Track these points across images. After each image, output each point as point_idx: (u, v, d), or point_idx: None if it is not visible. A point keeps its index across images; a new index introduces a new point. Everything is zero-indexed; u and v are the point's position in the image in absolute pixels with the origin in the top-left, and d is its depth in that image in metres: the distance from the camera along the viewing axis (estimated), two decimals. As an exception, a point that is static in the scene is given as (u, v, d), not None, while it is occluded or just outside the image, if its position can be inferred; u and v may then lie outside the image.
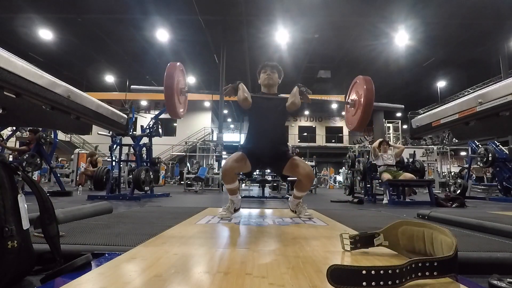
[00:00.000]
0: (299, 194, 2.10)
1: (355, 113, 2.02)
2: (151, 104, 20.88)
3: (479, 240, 1.38)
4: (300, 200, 2.14)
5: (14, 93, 0.86)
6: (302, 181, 1.98)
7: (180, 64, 1.97)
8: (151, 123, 5.32)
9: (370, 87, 1.88)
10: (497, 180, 5.91)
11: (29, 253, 0.85)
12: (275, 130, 2.06)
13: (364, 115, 1.89)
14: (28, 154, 4.85)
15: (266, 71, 2.11)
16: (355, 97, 2.05)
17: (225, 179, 1.98)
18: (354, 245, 1.04)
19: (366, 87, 1.88)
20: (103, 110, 1.35)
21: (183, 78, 2.06)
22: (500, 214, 2.66)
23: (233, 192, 2.05)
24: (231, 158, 1.95)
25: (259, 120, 2.05)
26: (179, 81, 1.97)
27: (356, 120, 1.99)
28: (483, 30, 11.63)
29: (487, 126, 1.21)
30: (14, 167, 0.86)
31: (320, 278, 0.76)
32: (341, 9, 10.62)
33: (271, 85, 2.12)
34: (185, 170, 8.31)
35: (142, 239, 1.22)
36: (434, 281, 0.72)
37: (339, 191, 9.96)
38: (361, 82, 1.97)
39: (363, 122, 1.93)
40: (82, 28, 12.25)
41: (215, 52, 13.84)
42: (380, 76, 16.11)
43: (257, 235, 1.43)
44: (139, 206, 3.38)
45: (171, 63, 1.89)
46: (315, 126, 25.19)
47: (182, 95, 2.04)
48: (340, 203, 4.61)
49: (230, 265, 0.89)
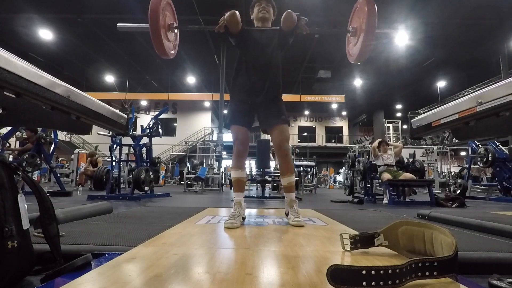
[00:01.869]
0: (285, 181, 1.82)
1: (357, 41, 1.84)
2: (151, 104, 20.89)
3: (479, 240, 1.38)
4: (292, 196, 1.82)
5: (14, 93, 0.86)
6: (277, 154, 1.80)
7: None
8: (151, 123, 5.33)
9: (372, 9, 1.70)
10: (497, 180, 5.91)
11: (29, 253, 0.85)
12: (270, 65, 1.84)
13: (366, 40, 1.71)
14: (28, 154, 4.85)
15: (261, 3, 1.92)
16: (356, 24, 1.87)
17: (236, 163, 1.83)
18: (354, 245, 1.04)
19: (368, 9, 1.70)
20: (103, 110, 1.35)
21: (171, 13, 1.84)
22: (500, 214, 2.66)
23: (241, 187, 1.82)
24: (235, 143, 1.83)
25: (252, 54, 1.85)
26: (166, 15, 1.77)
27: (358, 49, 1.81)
28: (483, 30, 11.63)
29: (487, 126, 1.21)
30: (14, 167, 0.86)
31: (320, 278, 0.76)
32: (341, 9, 10.59)
33: (266, 19, 1.92)
34: (185, 170, 8.30)
35: (142, 239, 1.22)
36: (434, 281, 0.72)
37: (339, 191, 9.96)
38: (362, 5, 1.78)
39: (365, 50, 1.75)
40: (82, 28, 12.25)
41: (215, 52, 13.84)
42: (380, 76, 16.14)
43: (257, 235, 1.43)
44: (139, 206, 3.38)
45: None
46: (315, 126, 25.19)
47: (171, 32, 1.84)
48: (340, 203, 4.61)
49: (230, 265, 0.89)
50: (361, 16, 1.80)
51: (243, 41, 1.85)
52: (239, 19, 1.74)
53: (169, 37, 1.84)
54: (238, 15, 1.72)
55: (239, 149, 1.83)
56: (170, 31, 1.84)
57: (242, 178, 1.84)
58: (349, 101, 19.14)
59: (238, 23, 1.74)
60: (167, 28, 1.80)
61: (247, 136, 1.88)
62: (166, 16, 1.77)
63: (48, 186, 6.58)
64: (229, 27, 1.75)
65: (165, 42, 1.76)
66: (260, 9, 1.92)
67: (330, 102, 20.06)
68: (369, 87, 17.98)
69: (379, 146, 5.03)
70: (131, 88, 18.49)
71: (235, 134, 1.85)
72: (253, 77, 1.83)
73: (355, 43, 1.89)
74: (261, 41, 1.87)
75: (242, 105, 1.86)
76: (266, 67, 1.84)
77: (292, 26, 1.79)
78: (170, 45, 1.86)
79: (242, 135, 1.84)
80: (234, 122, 1.85)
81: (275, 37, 1.87)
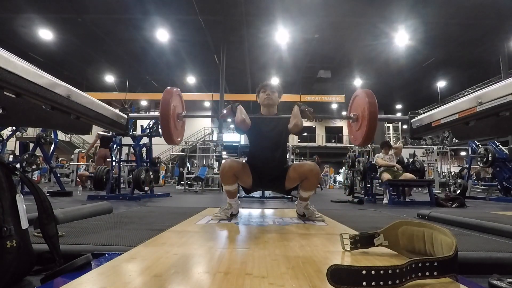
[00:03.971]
0: (306, 194, 1.99)
1: (359, 128, 1.97)
2: (151, 104, 20.89)
3: (479, 240, 1.38)
4: (307, 202, 2.02)
5: (14, 93, 0.86)
6: (308, 177, 1.89)
7: (177, 90, 1.94)
8: (151, 123, 5.32)
9: (372, 100, 1.82)
10: (497, 180, 5.91)
11: (29, 253, 0.85)
12: (276, 152, 1.99)
13: (370, 129, 1.83)
14: (28, 154, 4.86)
15: (266, 90, 2.06)
16: (357, 112, 2.00)
17: (223, 179, 1.90)
18: (354, 245, 1.04)
19: (368, 101, 1.82)
20: (103, 110, 1.35)
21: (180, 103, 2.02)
22: (500, 214, 2.66)
23: (232, 195, 1.97)
24: (232, 159, 1.93)
25: (259, 142, 2.01)
26: (176, 106, 1.93)
27: (361, 135, 1.93)
28: (483, 30, 11.63)
29: (487, 126, 1.20)
30: (12, 167, 0.86)
31: (320, 278, 0.76)
32: (341, 9, 10.62)
33: (271, 105, 2.07)
34: (185, 170, 8.30)
35: (142, 239, 1.22)
36: (434, 281, 0.72)
37: (339, 191, 9.96)
38: (362, 96, 1.91)
39: (369, 136, 1.87)
40: (82, 28, 12.25)
41: (215, 52, 13.83)
42: (380, 76, 16.14)
43: (257, 235, 1.43)
44: (139, 206, 3.38)
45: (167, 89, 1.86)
46: (315, 126, 25.18)
47: (179, 121, 2.00)
48: (340, 203, 4.61)
49: (230, 265, 0.89)
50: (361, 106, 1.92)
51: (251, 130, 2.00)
52: (249, 123, 1.93)
53: (177, 126, 1.99)
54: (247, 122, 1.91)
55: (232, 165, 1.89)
56: (178, 120, 2.00)
57: (232, 189, 1.95)
58: (349, 101, 19.08)
59: (248, 126, 1.93)
60: (176, 117, 1.95)
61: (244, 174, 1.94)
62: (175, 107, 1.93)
63: (48, 186, 6.58)
64: (239, 128, 1.94)
65: (173, 131, 1.91)
66: (265, 97, 2.06)
67: (330, 102, 20.05)
68: (369, 87, 17.82)
69: (382, 149, 5.05)
70: (131, 88, 18.49)
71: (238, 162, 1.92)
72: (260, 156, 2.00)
73: (357, 129, 2.01)
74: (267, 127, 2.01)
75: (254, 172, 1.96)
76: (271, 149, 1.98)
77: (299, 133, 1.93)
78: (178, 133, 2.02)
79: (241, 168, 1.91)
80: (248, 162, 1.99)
81: (280, 125, 2.00)
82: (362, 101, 1.93)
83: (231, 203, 1.97)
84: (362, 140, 1.92)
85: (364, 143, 1.95)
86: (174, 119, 1.91)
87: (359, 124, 1.97)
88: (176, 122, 1.96)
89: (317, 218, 1.94)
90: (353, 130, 2.10)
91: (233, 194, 1.97)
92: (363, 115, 1.91)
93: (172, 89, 1.88)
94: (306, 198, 2.00)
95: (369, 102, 1.82)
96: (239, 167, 1.90)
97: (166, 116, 1.80)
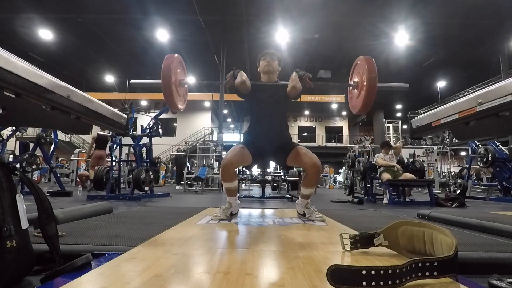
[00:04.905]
0: (307, 191, 1.97)
1: (359, 95, 1.94)
2: (151, 104, 20.88)
3: (479, 240, 1.38)
4: (308, 201, 2.01)
5: (14, 93, 0.86)
6: (308, 172, 1.88)
7: (178, 56, 1.92)
8: (151, 123, 5.32)
9: (372, 67, 1.79)
10: (497, 180, 5.91)
11: (29, 253, 0.85)
12: (276, 118, 1.99)
13: (368, 97, 1.81)
14: (28, 154, 4.85)
15: (266, 58, 2.06)
16: (357, 79, 1.97)
17: (224, 176, 1.87)
18: (354, 245, 1.04)
19: (368, 68, 1.80)
20: (103, 110, 1.34)
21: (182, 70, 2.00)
22: (500, 214, 2.66)
23: (232, 194, 1.95)
24: (230, 153, 1.89)
25: (259, 108, 2.00)
26: (177, 73, 1.92)
27: (360, 102, 1.90)
28: (483, 30, 11.63)
29: (487, 126, 1.20)
30: (12, 167, 0.86)
31: (320, 278, 0.76)
32: (341, 9, 10.62)
33: (271, 72, 2.06)
34: (185, 170, 8.30)
35: (142, 239, 1.22)
36: (434, 281, 0.72)
37: (339, 191, 9.96)
38: (362, 63, 1.88)
39: (367, 104, 1.85)
40: (82, 28, 12.25)
41: (215, 52, 13.84)
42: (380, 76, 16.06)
43: (257, 235, 1.43)
44: (139, 206, 3.38)
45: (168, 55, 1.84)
46: (315, 126, 25.19)
47: (181, 87, 1.98)
48: (340, 203, 4.61)
49: (230, 265, 0.89)
50: (361, 73, 1.90)
51: (251, 96, 2.00)
52: (249, 85, 1.92)
53: (179, 92, 1.98)
54: (248, 83, 1.91)
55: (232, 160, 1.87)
56: (180, 87, 1.98)
57: (232, 187, 1.94)
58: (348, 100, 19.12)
59: (248, 88, 1.92)
60: (178, 84, 1.93)
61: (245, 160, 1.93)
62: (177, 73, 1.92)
63: (48, 186, 6.58)
64: (239, 90, 1.94)
65: (176, 97, 1.89)
66: (265, 64, 2.05)
67: (330, 102, 20.05)
68: (369, 87, 17.96)
69: (382, 149, 5.06)
70: (131, 88, 18.48)
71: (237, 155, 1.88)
72: (261, 125, 2.00)
73: (356, 96, 1.98)
74: (267, 94, 2.00)
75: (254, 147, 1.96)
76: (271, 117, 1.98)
77: (297, 96, 1.94)
78: (180, 99, 2.00)
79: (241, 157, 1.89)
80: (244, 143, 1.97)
81: (281, 91, 1.98)
82: (361, 68, 1.90)
83: (231, 202, 1.96)
84: (361, 106, 1.89)
85: (363, 110, 1.91)
86: (177, 85, 1.90)
87: (359, 92, 1.95)
88: (178, 88, 1.94)
89: (317, 218, 1.93)
90: (353, 98, 2.07)
91: (233, 192, 1.96)
92: (362, 82, 1.89)
93: (173, 55, 1.86)
94: (307, 195, 1.99)
95: (368, 69, 1.80)
96: (239, 159, 1.88)
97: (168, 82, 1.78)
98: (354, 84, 1.99)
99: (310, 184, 1.95)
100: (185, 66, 2.03)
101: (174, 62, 1.83)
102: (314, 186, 2.01)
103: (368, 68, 1.80)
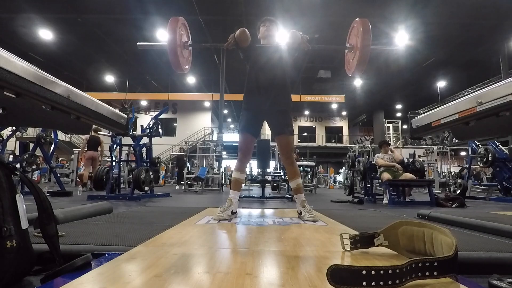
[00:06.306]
0: (293, 184, 2.07)
1: (354, 56, 2.01)
2: (151, 104, 20.88)
3: (479, 240, 1.38)
4: (301, 196, 2.03)
5: (14, 93, 0.86)
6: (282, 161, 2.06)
7: (182, 18, 1.96)
8: (151, 123, 5.32)
9: (367, 28, 1.86)
10: (497, 180, 5.91)
11: (29, 253, 0.85)
12: (276, 78, 2.04)
13: (362, 56, 1.88)
14: (28, 154, 4.85)
15: (265, 24, 2.15)
16: (353, 41, 2.03)
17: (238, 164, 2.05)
18: (354, 245, 1.04)
19: (363, 29, 1.86)
20: (103, 110, 1.34)
21: (186, 33, 2.05)
22: (500, 214, 2.66)
23: (237, 187, 2.05)
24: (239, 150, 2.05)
25: (259, 68, 2.05)
26: (182, 35, 1.97)
27: (355, 63, 1.97)
28: (483, 30, 11.62)
29: (487, 126, 1.20)
30: (12, 167, 0.86)
31: (320, 278, 0.76)
32: (341, 9, 10.61)
33: (271, 36, 2.15)
34: (185, 170, 8.30)
35: (142, 239, 1.22)
36: (434, 281, 0.72)
37: (339, 191, 9.95)
38: (358, 25, 1.94)
39: (361, 62, 1.92)
40: (82, 28, 12.24)
41: (215, 52, 13.83)
42: (380, 76, 16.13)
43: (257, 235, 1.43)
44: (139, 206, 3.38)
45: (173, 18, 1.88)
46: (315, 126, 25.18)
47: (185, 49, 2.04)
48: (340, 203, 4.61)
49: (230, 265, 0.89)
50: (357, 35, 1.96)
51: (251, 55, 2.08)
52: (249, 36, 2.00)
53: (184, 54, 2.03)
54: (247, 32, 1.99)
55: (242, 157, 2.07)
56: (185, 49, 2.04)
57: (240, 179, 2.07)
58: (349, 101, 19.13)
59: (247, 39, 2.00)
60: (182, 46, 1.99)
61: (252, 145, 2.11)
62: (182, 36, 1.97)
63: (48, 186, 6.58)
64: (239, 42, 2.00)
65: (181, 58, 1.95)
66: (265, 28, 2.16)
67: (330, 102, 20.05)
68: (369, 87, 17.97)
69: (381, 148, 5.06)
70: (131, 88, 18.47)
71: (242, 141, 2.06)
72: (260, 88, 2.03)
73: (352, 58, 2.05)
74: (266, 55, 2.08)
75: (251, 114, 2.07)
76: (271, 78, 2.03)
77: (297, 42, 2.02)
78: (185, 61, 2.06)
79: (247, 144, 2.06)
80: (244, 130, 2.07)
81: (279, 52, 2.08)
82: (357, 31, 1.97)
83: (232, 198, 1.99)
84: (355, 67, 1.96)
85: (357, 70, 1.98)
86: (181, 47, 1.96)
87: (354, 53, 2.02)
88: (183, 50, 2.00)
89: (309, 217, 1.88)
90: (349, 60, 2.14)
91: (239, 185, 2.06)
92: (357, 43, 1.96)
93: (177, 18, 1.90)
94: (296, 189, 2.06)
95: (363, 30, 1.86)
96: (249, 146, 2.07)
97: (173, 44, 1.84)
98: (350, 46, 2.06)
99: (290, 175, 2.08)
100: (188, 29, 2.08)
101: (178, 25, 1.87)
102: (296, 178, 2.07)
103: (363, 29, 1.86)
